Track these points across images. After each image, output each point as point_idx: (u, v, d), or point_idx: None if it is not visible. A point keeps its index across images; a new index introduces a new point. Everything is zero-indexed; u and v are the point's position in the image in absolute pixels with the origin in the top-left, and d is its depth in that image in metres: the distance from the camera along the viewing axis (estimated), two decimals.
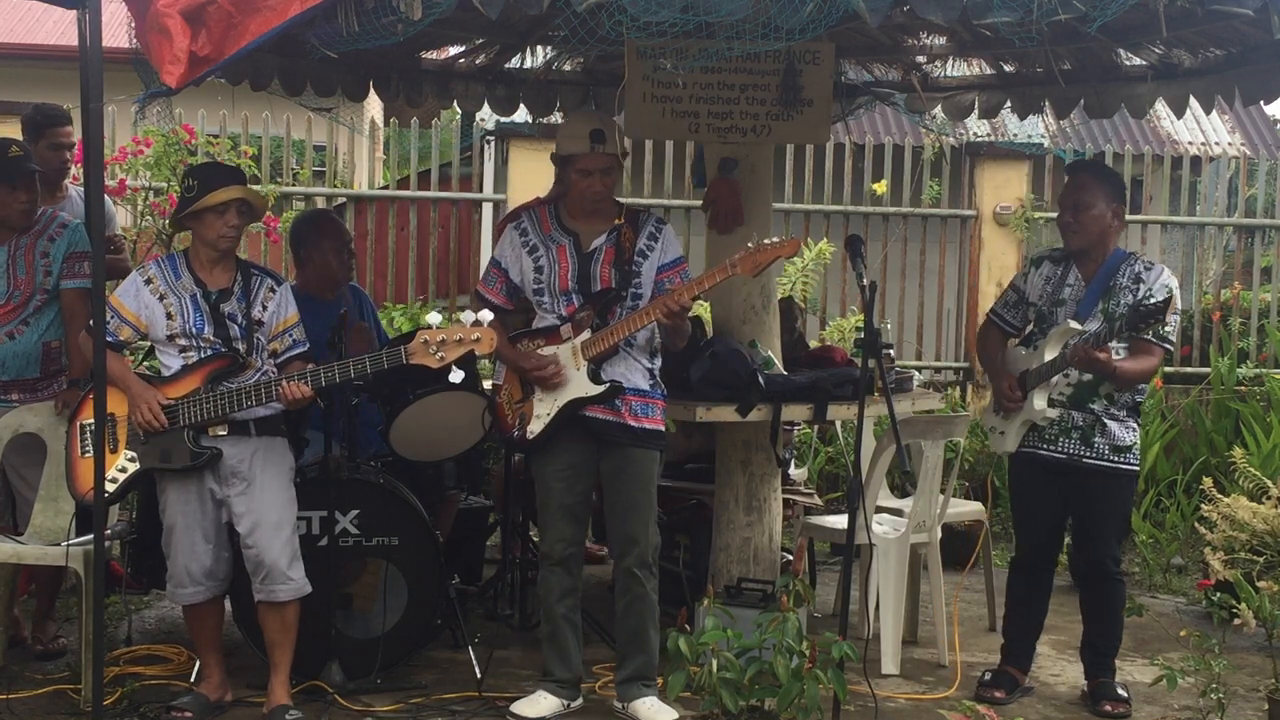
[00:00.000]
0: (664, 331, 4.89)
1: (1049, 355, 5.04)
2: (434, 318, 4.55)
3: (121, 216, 8.11)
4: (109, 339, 4.67)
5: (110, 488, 4.68)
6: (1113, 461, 5.08)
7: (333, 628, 5.03)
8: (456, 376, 4.53)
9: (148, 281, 4.77)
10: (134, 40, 4.61)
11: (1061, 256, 5.25)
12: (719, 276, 4.81)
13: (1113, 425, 5.07)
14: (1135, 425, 5.15)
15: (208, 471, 4.68)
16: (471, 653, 5.27)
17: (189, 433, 4.64)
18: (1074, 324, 5.01)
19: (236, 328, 4.74)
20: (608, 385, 4.80)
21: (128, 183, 7.81)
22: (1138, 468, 5.19)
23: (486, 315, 4.55)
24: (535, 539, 6.22)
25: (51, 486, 5.17)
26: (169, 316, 4.72)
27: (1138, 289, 5.04)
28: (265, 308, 4.81)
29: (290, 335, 4.85)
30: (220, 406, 4.62)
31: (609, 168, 4.86)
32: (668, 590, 5.30)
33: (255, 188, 8.24)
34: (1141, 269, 5.11)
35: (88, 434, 4.72)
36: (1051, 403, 5.09)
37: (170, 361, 4.74)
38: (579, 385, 4.80)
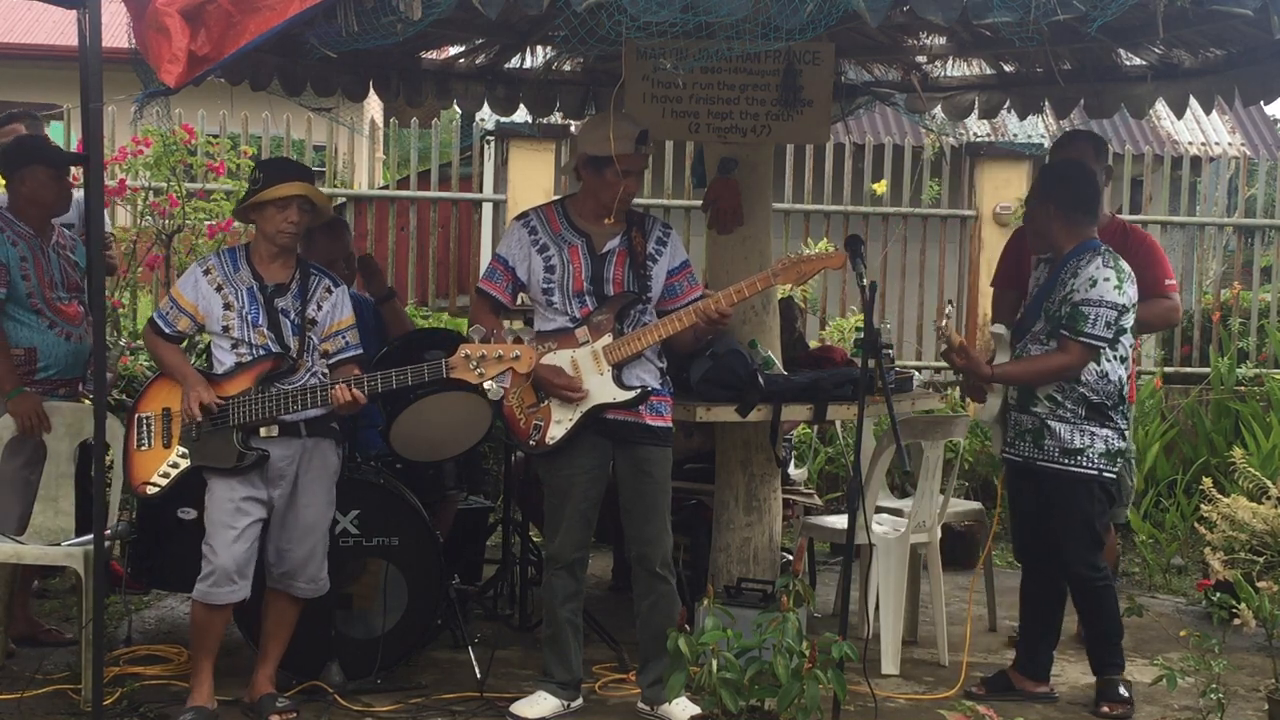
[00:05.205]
0: (688, 334, 4.82)
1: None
2: (477, 331, 4.57)
3: (122, 216, 8.12)
4: (167, 330, 4.77)
5: (161, 483, 4.72)
6: (1063, 464, 5.01)
7: (333, 628, 5.04)
8: (496, 394, 4.60)
9: (206, 272, 4.79)
10: (132, 40, 4.61)
11: (1050, 256, 5.25)
12: (760, 285, 4.80)
13: (1059, 427, 4.99)
14: (1095, 429, 4.99)
15: (255, 472, 4.67)
16: (471, 653, 5.27)
17: (238, 433, 4.65)
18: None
19: (289, 324, 4.74)
20: (637, 392, 4.77)
21: (128, 183, 7.81)
22: (1094, 473, 5.00)
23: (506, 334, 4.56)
24: (535, 539, 6.24)
25: (51, 486, 5.18)
26: (226, 306, 4.72)
27: (1070, 284, 4.96)
28: (320, 307, 4.81)
29: (343, 337, 4.85)
30: (271, 408, 4.63)
31: (642, 170, 4.87)
32: None
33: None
34: (1082, 262, 4.98)
35: (144, 426, 4.75)
36: (1007, 405, 5.15)
37: (223, 356, 4.74)
38: (603, 391, 4.76)
